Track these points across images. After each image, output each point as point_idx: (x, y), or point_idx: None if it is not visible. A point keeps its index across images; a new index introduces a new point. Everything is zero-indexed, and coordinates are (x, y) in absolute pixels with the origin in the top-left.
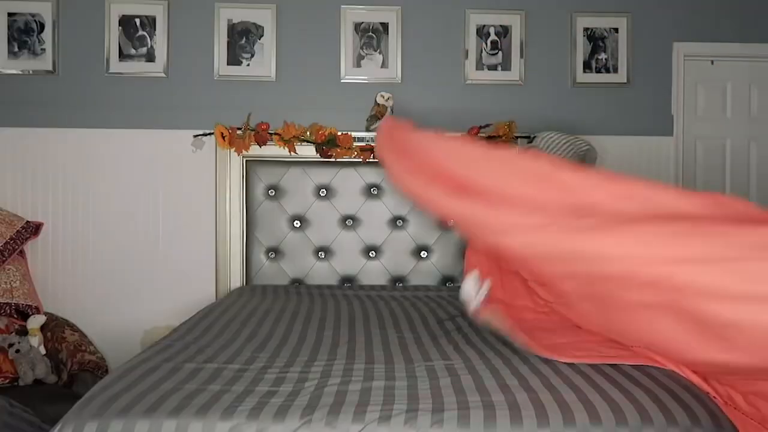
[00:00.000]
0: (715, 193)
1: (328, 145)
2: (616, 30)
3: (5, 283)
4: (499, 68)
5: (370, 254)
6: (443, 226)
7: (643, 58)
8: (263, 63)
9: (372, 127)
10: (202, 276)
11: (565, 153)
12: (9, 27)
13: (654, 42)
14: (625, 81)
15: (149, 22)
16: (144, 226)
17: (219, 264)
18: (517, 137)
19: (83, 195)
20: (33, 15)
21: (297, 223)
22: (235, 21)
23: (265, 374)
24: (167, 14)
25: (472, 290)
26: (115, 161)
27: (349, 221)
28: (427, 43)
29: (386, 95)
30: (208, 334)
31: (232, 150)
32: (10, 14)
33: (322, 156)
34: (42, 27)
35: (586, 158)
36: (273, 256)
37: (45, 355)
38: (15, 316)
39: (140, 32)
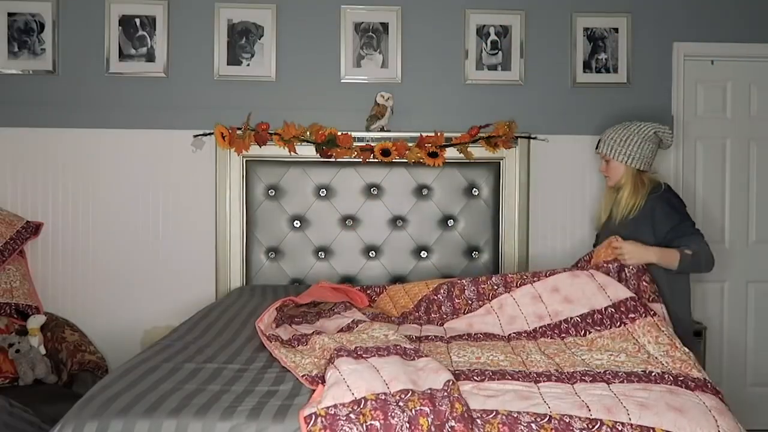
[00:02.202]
0: None
1: (328, 145)
2: (616, 30)
3: (5, 283)
4: (499, 68)
5: (370, 254)
6: (443, 226)
7: (643, 58)
8: (263, 63)
9: (372, 127)
10: (202, 276)
11: (635, 147)
12: (9, 27)
13: (654, 42)
14: (625, 81)
15: (149, 22)
16: (144, 226)
17: (219, 264)
18: (516, 137)
19: (83, 195)
20: (33, 15)
21: (297, 223)
22: (235, 21)
23: (265, 374)
24: (167, 14)
25: None
26: (115, 161)
27: (349, 221)
28: (427, 43)
29: (386, 95)
30: (207, 334)
31: (232, 150)
32: (10, 14)
33: (322, 156)
34: (42, 27)
35: (662, 143)
36: (273, 256)
37: (45, 355)
38: (15, 316)
39: (140, 32)
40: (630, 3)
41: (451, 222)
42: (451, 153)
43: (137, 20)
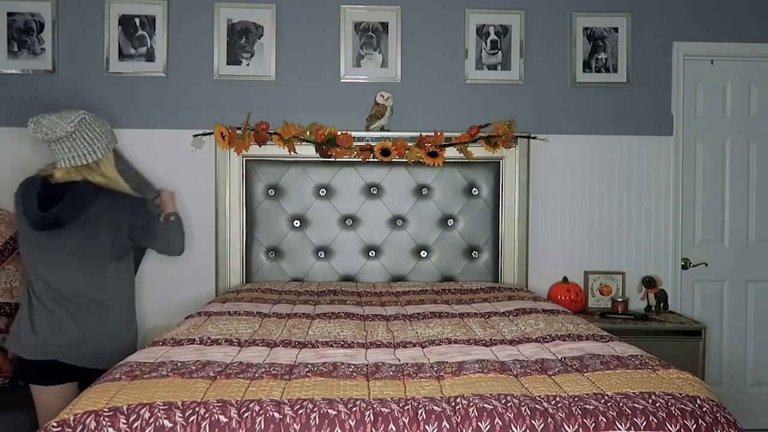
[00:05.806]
0: None
1: (327, 144)
2: (616, 30)
3: (5, 283)
4: (499, 68)
5: (370, 254)
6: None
7: (643, 58)
8: (263, 63)
9: (372, 127)
10: (202, 276)
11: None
12: (9, 27)
13: (654, 42)
14: (625, 81)
15: (149, 22)
16: None
17: (219, 264)
18: (516, 137)
19: None
20: (33, 15)
21: (297, 223)
22: (234, 21)
23: None
24: (167, 14)
25: None
26: None
27: (349, 221)
28: (427, 42)
29: (386, 95)
30: None
31: (232, 150)
32: (9, 14)
33: (321, 156)
34: (42, 27)
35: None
36: (273, 255)
37: None
38: (15, 316)
39: (140, 32)
40: (630, 3)
41: (450, 222)
42: (450, 153)
43: (137, 20)
